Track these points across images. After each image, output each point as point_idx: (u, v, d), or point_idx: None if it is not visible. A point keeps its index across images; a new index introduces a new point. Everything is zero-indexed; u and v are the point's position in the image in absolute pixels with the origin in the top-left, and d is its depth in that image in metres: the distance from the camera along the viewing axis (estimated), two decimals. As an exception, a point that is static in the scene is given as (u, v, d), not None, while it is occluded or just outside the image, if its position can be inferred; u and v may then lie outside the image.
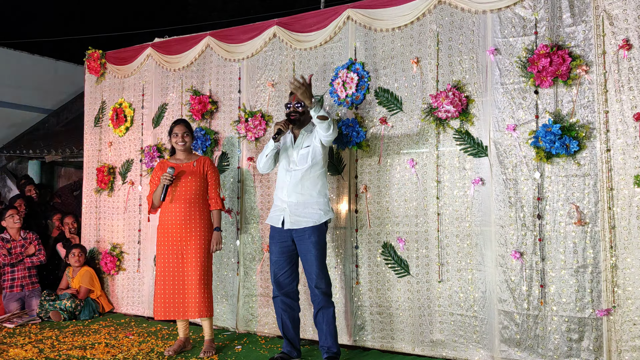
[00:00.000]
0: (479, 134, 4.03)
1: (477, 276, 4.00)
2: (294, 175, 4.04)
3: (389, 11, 4.40)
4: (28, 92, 11.37)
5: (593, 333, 3.60)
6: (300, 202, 4.00)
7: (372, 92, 4.47)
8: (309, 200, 4.01)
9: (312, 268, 3.97)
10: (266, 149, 4.14)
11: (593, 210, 3.64)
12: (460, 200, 4.08)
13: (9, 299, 5.80)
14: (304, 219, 3.99)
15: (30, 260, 5.91)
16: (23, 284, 5.86)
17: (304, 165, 4.01)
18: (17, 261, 5.82)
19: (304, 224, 3.98)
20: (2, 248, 5.79)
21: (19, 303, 5.83)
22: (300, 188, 4.01)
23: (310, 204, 4.01)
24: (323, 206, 4.03)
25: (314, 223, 3.98)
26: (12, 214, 5.94)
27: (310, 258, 3.98)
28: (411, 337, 4.22)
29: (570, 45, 3.74)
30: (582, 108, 3.70)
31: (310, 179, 4.02)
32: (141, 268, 5.72)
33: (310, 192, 4.02)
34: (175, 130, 4.49)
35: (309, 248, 3.97)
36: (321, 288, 3.98)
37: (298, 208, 4.00)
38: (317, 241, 3.98)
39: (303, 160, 4.03)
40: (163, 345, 4.56)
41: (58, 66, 11.90)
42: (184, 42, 5.55)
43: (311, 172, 4.02)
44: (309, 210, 4.00)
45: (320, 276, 3.98)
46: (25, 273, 5.89)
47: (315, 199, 4.02)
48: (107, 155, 6.13)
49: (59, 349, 4.46)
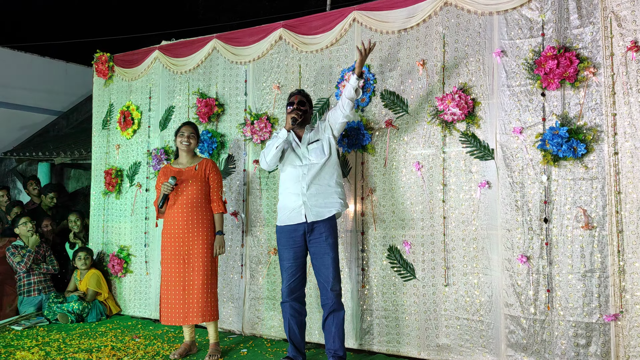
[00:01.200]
0: (486, 137, 4.00)
1: (483, 280, 3.96)
2: (312, 168, 4.04)
3: (394, 13, 4.37)
4: (39, 94, 11.45)
5: (600, 338, 3.55)
6: (320, 192, 4.02)
7: (378, 94, 4.45)
8: (327, 190, 4.03)
9: (329, 270, 3.98)
10: (275, 140, 4.10)
11: (601, 214, 3.59)
12: (466, 204, 4.05)
13: (27, 303, 5.83)
14: (325, 209, 4.02)
15: (46, 268, 5.95)
16: (40, 288, 5.88)
17: (323, 157, 4.05)
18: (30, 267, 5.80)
19: (327, 214, 4.01)
20: (16, 255, 5.81)
21: (35, 308, 5.84)
22: (320, 179, 4.03)
23: (330, 194, 4.04)
24: (342, 195, 4.09)
25: (337, 210, 4.04)
26: (26, 221, 5.97)
27: (326, 261, 3.99)
28: (417, 341, 4.20)
29: (577, 47, 3.70)
30: (590, 110, 3.65)
31: (328, 171, 4.05)
32: (149, 270, 5.72)
33: (328, 182, 4.05)
34: (182, 130, 4.50)
35: (326, 250, 3.99)
36: (336, 290, 4.00)
37: (318, 199, 4.01)
38: (333, 243, 4.02)
39: (320, 153, 4.06)
40: (169, 349, 4.56)
41: (68, 68, 11.98)
42: (191, 44, 5.56)
43: (328, 163, 4.06)
44: (329, 200, 4.03)
45: (337, 279, 4.01)
46: (41, 277, 5.92)
47: (334, 189, 4.05)
48: (115, 158, 6.15)
49: (65, 352, 4.47)
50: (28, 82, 11.19)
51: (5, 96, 10.84)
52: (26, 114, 11.32)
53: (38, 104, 11.49)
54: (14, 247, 5.88)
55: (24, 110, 11.29)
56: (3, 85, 10.78)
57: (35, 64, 11.45)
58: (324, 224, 4.01)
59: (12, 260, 5.80)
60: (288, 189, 4.11)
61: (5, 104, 10.94)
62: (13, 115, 11.11)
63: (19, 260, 5.76)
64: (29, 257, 5.78)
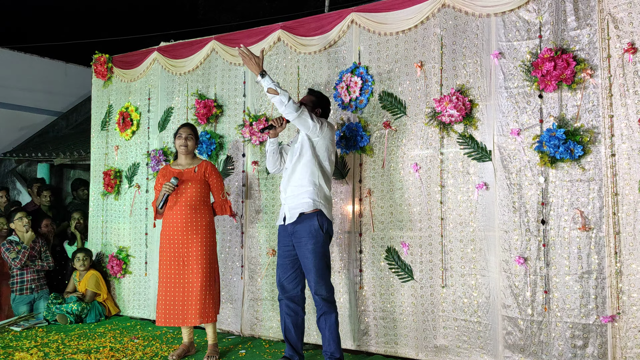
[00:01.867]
0: (483, 139, 4.01)
1: (480, 281, 3.97)
2: (286, 169, 4.12)
3: (392, 15, 4.38)
4: (38, 95, 11.45)
5: (597, 339, 3.56)
6: (294, 194, 4.00)
7: (376, 96, 4.46)
8: (299, 191, 3.99)
9: (310, 275, 3.96)
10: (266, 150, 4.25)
11: (598, 216, 3.60)
12: (464, 205, 4.06)
13: (19, 302, 5.84)
14: (295, 210, 3.98)
15: (41, 264, 5.95)
16: (33, 286, 5.89)
17: (293, 158, 4.05)
18: (25, 264, 5.81)
19: (295, 216, 3.96)
20: (12, 251, 5.81)
21: (28, 307, 5.86)
22: (294, 180, 4.02)
23: (300, 194, 3.98)
24: (312, 195, 3.95)
25: (302, 210, 3.93)
26: (21, 216, 5.95)
27: (307, 264, 3.95)
28: (415, 342, 4.21)
29: (574, 49, 3.71)
30: (587, 112, 3.66)
31: (301, 170, 4.00)
32: (148, 271, 5.73)
33: (300, 182, 3.99)
34: (180, 131, 4.51)
35: (306, 254, 3.95)
36: (321, 295, 3.94)
37: (293, 200, 4.00)
38: (313, 249, 3.92)
39: (292, 155, 4.08)
40: (167, 349, 4.57)
41: (68, 69, 11.98)
42: (189, 46, 5.57)
43: (299, 163, 4.01)
44: (299, 200, 3.97)
45: (320, 283, 3.94)
46: (35, 276, 5.92)
47: (305, 188, 3.97)
48: (114, 159, 6.15)
49: (64, 353, 4.48)
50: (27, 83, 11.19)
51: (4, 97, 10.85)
52: (25, 115, 11.33)
53: (37, 104, 11.49)
54: (9, 242, 5.86)
55: (24, 110, 11.29)
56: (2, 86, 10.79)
57: (35, 65, 11.45)
58: (303, 228, 3.95)
59: (7, 256, 5.80)
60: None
61: (4, 105, 10.94)
62: (12, 115, 11.11)
63: (14, 256, 5.76)
64: (24, 253, 5.77)
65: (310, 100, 4.20)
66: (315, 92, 4.31)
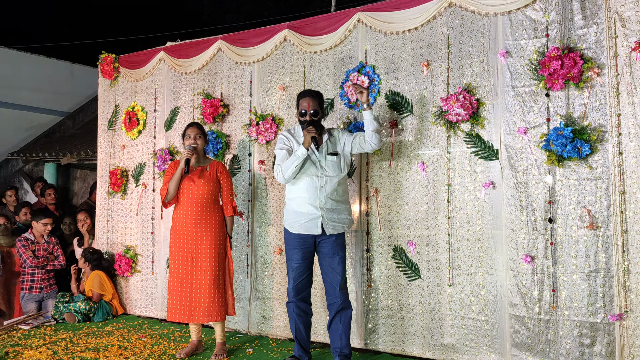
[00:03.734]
0: (490, 137, 4.01)
1: (488, 280, 3.98)
2: (329, 181, 4.02)
3: (399, 14, 4.39)
4: (45, 95, 11.48)
5: (605, 338, 3.56)
6: (335, 208, 4.05)
7: (383, 95, 4.47)
8: (341, 206, 4.09)
9: (339, 269, 4.05)
10: (295, 158, 3.95)
11: (605, 214, 3.60)
12: (471, 204, 4.06)
13: (27, 299, 5.90)
14: (339, 224, 4.07)
15: (52, 264, 6.02)
16: (42, 286, 5.96)
17: (340, 174, 4.07)
18: (42, 265, 5.91)
19: (340, 229, 4.09)
20: (28, 250, 5.89)
21: (36, 304, 5.92)
22: (336, 195, 4.05)
23: (343, 210, 4.10)
24: (351, 212, 4.21)
25: (348, 228, 4.15)
26: (47, 222, 6.07)
27: (336, 260, 4.05)
28: (422, 341, 4.21)
29: (581, 48, 3.71)
30: (594, 111, 3.66)
31: (342, 186, 4.11)
32: (154, 270, 5.76)
33: (342, 198, 4.11)
34: (188, 132, 4.52)
35: (336, 250, 4.05)
36: (345, 289, 4.10)
37: (333, 214, 4.04)
38: (342, 243, 4.11)
39: (337, 169, 4.06)
40: (175, 348, 4.59)
41: (74, 69, 12.01)
42: (196, 45, 5.59)
43: (343, 180, 4.13)
44: (342, 216, 4.09)
45: (345, 278, 4.13)
46: (45, 276, 6.00)
47: (344, 205, 4.13)
48: (120, 159, 6.18)
49: (72, 351, 4.51)
50: (34, 83, 11.23)
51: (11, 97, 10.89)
52: (32, 115, 11.37)
53: (44, 104, 11.53)
54: (26, 239, 5.99)
55: (30, 111, 11.33)
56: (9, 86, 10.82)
57: (41, 65, 11.48)
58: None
59: (22, 252, 5.87)
60: (303, 197, 4.04)
61: (11, 105, 10.98)
62: (19, 116, 11.15)
63: (30, 254, 5.85)
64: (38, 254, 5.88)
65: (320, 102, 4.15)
66: (313, 93, 4.17)
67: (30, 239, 6.00)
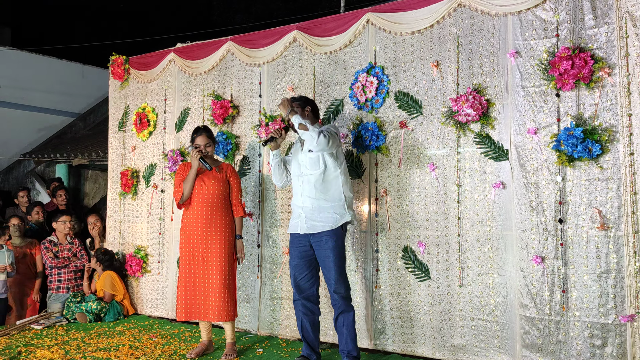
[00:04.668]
0: (500, 138, 4.00)
1: (498, 281, 3.97)
2: (305, 180, 4.06)
3: (408, 15, 4.39)
4: (56, 97, 11.58)
5: (616, 339, 3.54)
6: (315, 206, 4.02)
7: (392, 95, 4.47)
8: (323, 205, 4.02)
9: (331, 273, 3.98)
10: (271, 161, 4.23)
11: (616, 215, 3.58)
12: (480, 204, 4.06)
13: (54, 299, 5.95)
14: (319, 223, 4.01)
15: (75, 265, 6.06)
16: (69, 285, 6.00)
17: (316, 170, 4.02)
18: (63, 265, 5.97)
19: (320, 229, 4.01)
20: (49, 251, 5.95)
21: (62, 304, 5.95)
22: (314, 193, 4.02)
23: (325, 208, 4.02)
24: (339, 209, 4.03)
25: (330, 227, 4.00)
26: (66, 220, 6.12)
27: (328, 263, 3.99)
28: (432, 342, 4.21)
29: (592, 48, 3.69)
30: (605, 111, 3.64)
31: (324, 183, 4.03)
32: (164, 271, 5.79)
33: (324, 197, 4.02)
34: (198, 141, 4.50)
35: (327, 253, 3.98)
36: (340, 293, 3.99)
37: (313, 213, 4.02)
38: (334, 246, 3.98)
39: (315, 165, 4.03)
40: (186, 348, 4.61)
41: (85, 70, 12.11)
42: (206, 47, 5.61)
43: (324, 176, 4.02)
44: (324, 214, 4.01)
45: (340, 281, 4.00)
46: (72, 275, 6.05)
47: (330, 203, 4.02)
48: (131, 160, 6.22)
49: (84, 351, 4.54)
50: (46, 85, 11.32)
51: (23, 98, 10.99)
52: (44, 116, 11.47)
53: (55, 106, 11.63)
54: (49, 241, 6.05)
55: (42, 112, 11.43)
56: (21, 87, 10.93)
57: (53, 67, 11.58)
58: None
59: (44, 254, 5.95)
60: (294, 197, 4.21)
61: (23, 106, 11.08)
62: (31, 117, 11.25)
63: (50, 256, 5.92)
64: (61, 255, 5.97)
65: (298, 105, 4.17)
66: (297, 97, 4.29)
67: (54, 241, 6.06)
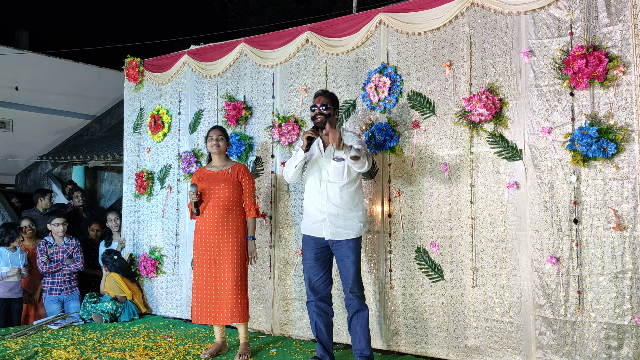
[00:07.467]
0: (514, 137, 3.97)
1: (512, 281, 3.94)
2: (330, 187, 4.02)
3: (421, 14, 4.37)
4: (73, 99, 11.72)
5: (633, 340, 3.50)
6: (340, 214, 4.01)
7: (405, 96, 4.45)
8: (348, 214, 4.02)
9: (350, 273, 4.00)
10: (295, 159, 4.06)
11: (632, 215, 3.54)
12: (494, 205, 4.03)
13: (50, 301, 5.98)
14: (344, 230, 4.01)
15: (68, 267, 6.03)
16: (62, 288, 5.99)
17: (341, 181, 4.00)
18: (55, 270, 5.93)
19: (344, 236, 4.01)
20: (43, 254, 5.92)
21: (59, 304, 5.99)
22: (340, 201, 4.00)
23: (350, 217, 4.02)
24: (362, 218, 4.07)
25: (355, 235, 4.02)
26: (59, 222, 6.06)
27: (348, 263, 4.01)
28: (445, 343, 4.19)
29: (607, 46, 3.65)
30: (620, 110, 3.60)
31: (349, 193, 4.02)
32: (178, 271, 5.82)
33: (349, 205, 4.02)
34: (211, 134, 4.59)
35: (348, 253, 4.01)
36: (355, 292, 4.01)
37: (338, 220, 4.01)
38: (355, 246, 4.02)
39: (339, 175, 4.01)
40: (200, 348, 4.63)
41: (101, 73, 12.22)
42: (219, 49, 5.64)
43: (348, 187, 4.02)
44: (349, 222, 4.01)
45: (356, 281, 4.02)
46: (65, 278, 6.00)
47: (355, 212, 4.04)
48: (146, 161, 6.26)
49: (99, 351, 4.58)
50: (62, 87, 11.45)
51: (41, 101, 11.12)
52: (61, 119, 11.60)
53: (72, 108, 11.75)
54: (45, 242, 6.00)
55: (59, 114, 11.57)
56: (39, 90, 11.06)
57: (70, 70, 11.71)
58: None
59: (38, 256, 5.89)
60: (311, 199, 4.12)
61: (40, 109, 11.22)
62: (48, 119, 11.39)
63: (43, 260, 5.88)
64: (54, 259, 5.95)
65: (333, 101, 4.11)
66: (327, 93, 4.16)
67: (50, 242, 6.02)
